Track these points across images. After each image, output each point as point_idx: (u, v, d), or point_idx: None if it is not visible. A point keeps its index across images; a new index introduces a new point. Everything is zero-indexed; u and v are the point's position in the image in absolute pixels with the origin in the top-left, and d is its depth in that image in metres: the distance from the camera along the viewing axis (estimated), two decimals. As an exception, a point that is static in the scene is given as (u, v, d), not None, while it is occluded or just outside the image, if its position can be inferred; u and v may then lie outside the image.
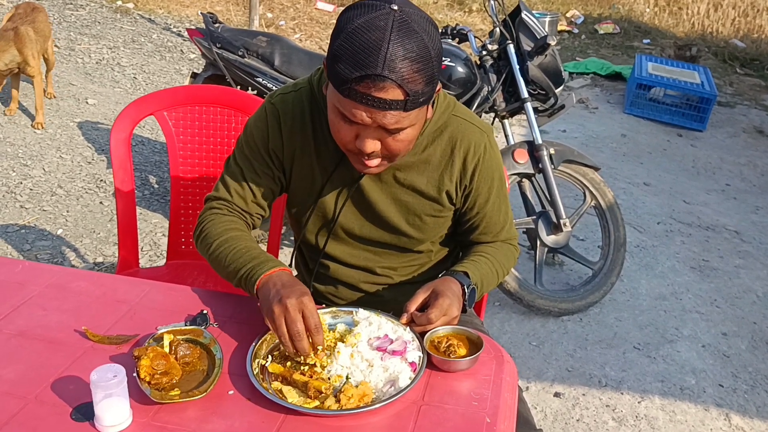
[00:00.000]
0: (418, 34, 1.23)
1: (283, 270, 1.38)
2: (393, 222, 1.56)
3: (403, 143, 1.34)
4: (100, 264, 3.14)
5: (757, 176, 5.13)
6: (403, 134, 1.32)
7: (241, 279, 1.40)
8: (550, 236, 3.03)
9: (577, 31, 8.36)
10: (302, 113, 1.51)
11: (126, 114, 2.11)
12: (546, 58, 3.05)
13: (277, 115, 1.52)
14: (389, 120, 1.27)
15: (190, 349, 1.27)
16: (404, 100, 1.24)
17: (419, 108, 1.29)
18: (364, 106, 1.25)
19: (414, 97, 1.25)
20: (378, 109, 1.25)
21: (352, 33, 1.23)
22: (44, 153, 4.00)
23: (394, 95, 1.23)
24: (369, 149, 1.32)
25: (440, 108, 1.49)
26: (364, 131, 1.30)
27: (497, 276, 1.58)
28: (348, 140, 1.34)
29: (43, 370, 1.23)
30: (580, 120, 5.76)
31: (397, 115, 1.26)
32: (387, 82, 1.21)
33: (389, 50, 1.20)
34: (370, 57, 1.20)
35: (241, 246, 1.45)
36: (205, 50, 3.37)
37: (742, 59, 7.82)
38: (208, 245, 1.49)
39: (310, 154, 1.52)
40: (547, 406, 2.55)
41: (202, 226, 1.53)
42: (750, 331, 3.14)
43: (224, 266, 1.45)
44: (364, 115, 1.26)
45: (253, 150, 1.54)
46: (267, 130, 1.52)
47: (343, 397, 1.18)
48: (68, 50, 5.63)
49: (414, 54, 1.22)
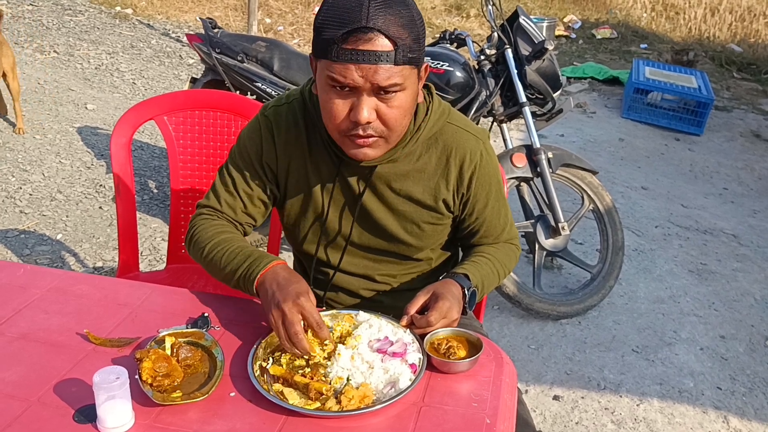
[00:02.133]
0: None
1: (279, 264, 1.39)
2: (391, 231, 1.56)
3: (399, 110, 1.33)
4: (99, 268, 3.15)
5: (754, 180, 5.15)
6: (396, 100, 1.31)
7: (239, 281, 1.41)
8: (548, 240, 3.04)
9: (575, 36, 8.39)
10: (296, 124, 1.51)
11: (126, 119, 2.12)
12: (544, 63, 3.06)
13: (271, 127, 1.52)
14: (381, 75, 1.26)
15: (191, 351, 1.28)
16: (393, 51, 1.25)
17: (410, 66, 1.29)
18: (355, 63, 1.25)
19: (402, 48, 1.26)
20: (368, 62, 1.25)
21: (332, 2, 1.27)
22: (44, 158, 4.01)
23: (382, 46, 1.24)
24: (365, 116, 1.30)
25: (435, 115, 1.49)
26: (357, 99, 1.30)
27: (498, 276, 1.59)
28: (342, 117, 1.32)
29: (46, 372, 1.24)
30: (578, 124, 5.78)
31: (388, 69, 1.26)
32: (373, 33, 1.23)
33: (371, 4, 1.23)
34: (353, 13, 1.23)
35: (233, 247, 1.46)
36: (204, 55, 3.38)
37: (739, 64, 7.85)
38: (200, 250, 1.50)
39: (305, 164, 1.52)
40: (546, 409, 2.55)
41: (192, 231, 1.55)
42: (748, 333, 3.15)
43: (220, 269, 1.45)
44: (355, 73, 1.26)
45: (246, 161, 1.54)
46: (261, 143, 1.52)
47: (344, 399, 1.19)
48: (67, 56, 5.65)
49: (397, 10, 1.25)
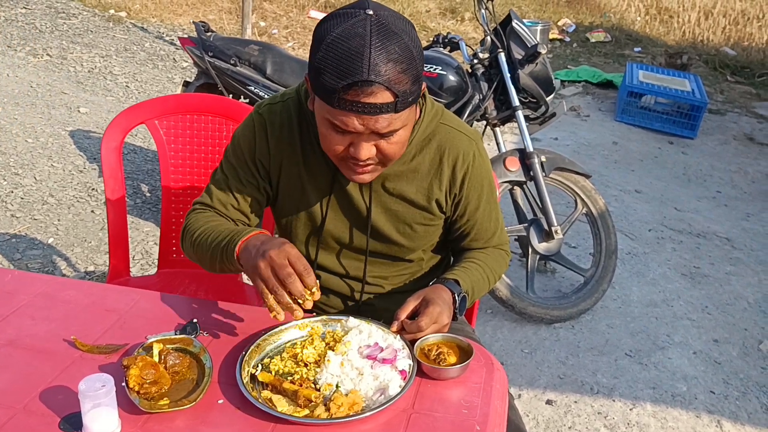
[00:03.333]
0: (398, 35, 1.24)
1: (261, 232, 1.39)
2: (383, 231, 1.56)
3: (397, 145, 1.35)
4: (91, 273, 3.13)
5: (747, 183, 5.16)
6: (396, 136, 1.33)
7: (222, 254, 1.39)
8: (541, 244, 3.04)
9: (569, 40, 8.41)
10: (290, 123, 1.51)
11: (117, 123, 2.11)
12: (537, 67, 3.06)
13: (264, 125, 1.52)
14: (381, 124, 1.27)
15: (179, 358, 1.27)
16: (394, 102, 1.25)
17: (409, 108, 1.30)
18: (355, 113, 1.25)
19: (403, 97, 1.26)
20: (369, 114, 1.25)
21: (331, 44, 1.23)
22: (35, 161, 3.99)
23: (383, 98, 1.24)
24: (364, 156, 1.32)
25: (428, 116, 1.49)
26: (357, 139, 1.31)
27: (488, 282, 1.59)
28: (341, 150, 1.34)
29: (32, 379, 1.23)
30: (571, 128, 5.78)
31: (388, 117, 1.27)
32: (375, 86, 1.22)
33: (372, 55, 1.21)
34: (354, 64, 1.21)
35: (221, 228, 1.45)
36: (197, 59, 3.37)
37: (733, 67, 7.87)
38: (190, 240, 1.50)
39: (298, 163, 1.53)
40: (539, 414, 2.55)
41: (184, 226, 1.55)
42: (741, 337, 3.15)
43: (206, 251, 1.45)
44: (356, 122, 1.27)
45: (239, 159, 1.54)
46: (254, 140, 1.53)
47: (333, 406, 1.18)
48: (60, 59, 5.63)
49: (397, 55, 1.23)
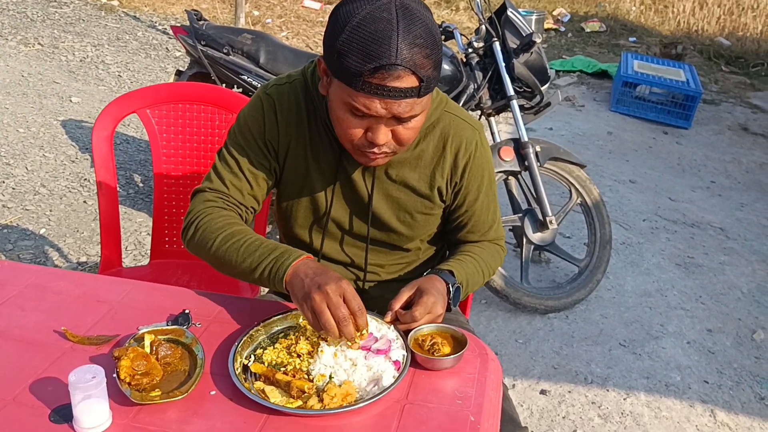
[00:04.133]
0: (422, 19, 1.24)
1: (308, 258, 1.35)
2: (384, 218, 1.55)
3: (413, 131, 1.34)
4: (83, 263, 3.11)
5: (741, 173, 5.17)
6: (413, 121, 1.32)
7: (264, 273, 1.34)
8: (536, 234, 3.04)
9: (564, 30, 8.39)
10: (297, 105, 1.49)
11: (108, 112, 2.09)
12: (532, 56, 3.05)
13: (273, 105, 1.49)
14: (404, 108, 1.26)
15: (171, 349, 1.25)
16: (418, 87, 1.24)
17: (430, 93, 1.30)
18: (379, 97, 1.24)
19: (427, 82, 1.25)
20: (393, 98, 1.24)
21: (357, 26, 1.22)
22: (27, 152, 3.96)
23: (409, 83, 1.23)
24: (382, 140, 1.31)
25: (433, 104, 1.48)
26: (375, 123, 1.30)
27: (483, 276, 1.58)
28: (358, 136, 1.33)
29: (22, 371, 1.22)
30: (566, 118, 5.77)
31: (411, 102, 1.26)
32: (401, 70, 1.21)
33: (399, 39, 1.20)
34: (381, 47, 1.20)
35: (251, 239, 1.39)
36: (189, 48, 3.34)
37: (728, 57, 7.88)
38: (208, 241, 1.41)
39: (304, 146, 1.50)
40: (533, 404, 2.55)
41: (198, 221, 1.45)
42: (735, 327, 3.15)
43: (236, 263, 1.38)
44: (379, 106, 1.26)
45: (248, 140, 1.49)
46: (263, 120, 1.49)
47: (326, 397, 1.17)
48: (52, 48, 5.58)
49: (422, 39, 1.22)
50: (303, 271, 1.29)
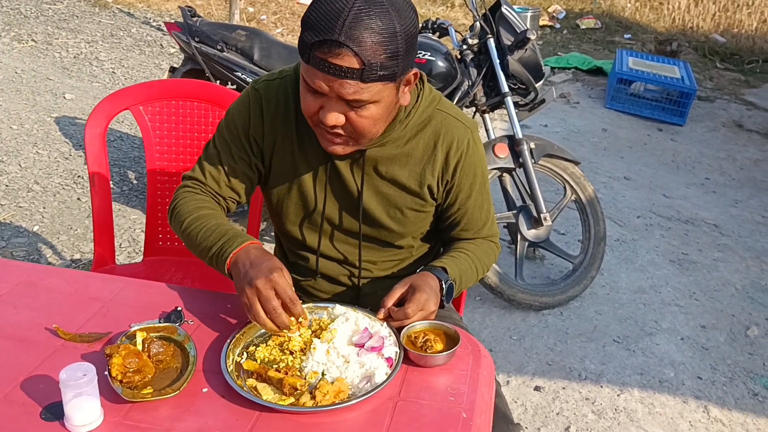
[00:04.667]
0: (386, 7, 1.23)
1: (252, 244, 1.38)
2: (374, 215, 1.54)
3: (367, 121, 1.32)
4: (77, 261, 3.10)
5: (736, 170, 5.18)
6: (366, 111, 1.31)
7: (212, 258, 1.41)
8: (530, 230, 3.04)
9: (559, 26, 8.39)
10: (286, 101, 1.50)
11: (101, 109, 2.08)
12: (526, 53, 3.05)
13: (260, 101, 1.50)
14: (347, 90, 1.26)
15: (163, 346, 1.25)
16: (360, 70, 1.23)
17: (381, 83, 1.27)
18: (322, 72, 1.25)
19: (370, 68, 1.23)
20: (334, 76, 1.24)
21: (318, 2, 1.24)
22: (20, 148, 3.94)
23: (349, 63, 1.23)
24: (330, 122, 1.31)
25: (425, 101, 1.48)
26: (327, 103, 1.30)
27: (476, 273, 1.58)
28: (313, 113, 1.34)
29: (13, 369, 1.21)
30: (561, 114, 5.78)
31: (354, 85, 1.25)
32: (343, 49, 1.21)
33: (349, 17, 1.20)
34: (329, 23, 1.21)
35: (211, 223, 1.45)
36: (183, 44, 3.33)
37: (722, 54, 7.89)
38: (180, 222, 1.49)
39: (292, 142, 1.51)
40: (527, 400, 2.55)
41: (175, 203, 1.54)
42: (728, 323, 3.16)
43: (196, 245, 1.45)
44: (322, 83, 1.26)
45: (232, 134, 1.53)
46: (249, 116, 1.51)
47: (319, 394, 1.17)
48: (45, 44, 5.56)
49: (376, 26, 1.22)
50: (242, 261, 1.34)
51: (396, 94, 1.35)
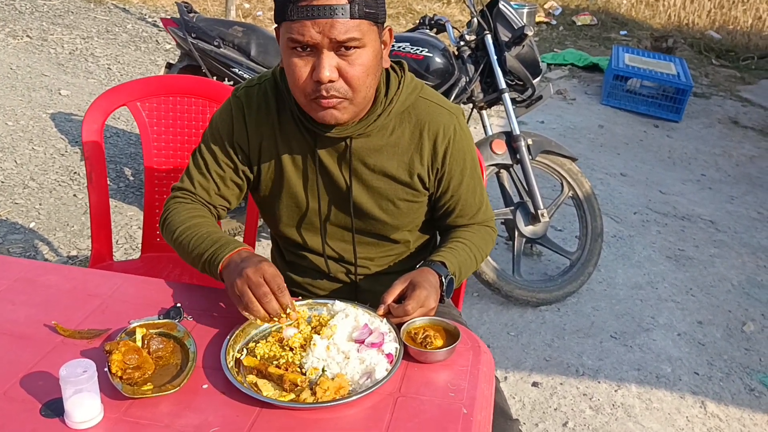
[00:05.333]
0: None
1: (244, 249, 1.39)
2: (366, 208, 1.54)
3: (361, 68, 1.32)
4: (74, 258, 3.09)
5: (731, 166, 5.19)
6: (357, 57, 1.30)
7: (205, 264, 1.41)
8: (527, 227, 3.04)
9: (555, 23, 8.39)
10: (267, 104, 1.50)
11: (98, 105, 2.07)
12: (523, 49, 3.05)
13: (242, 107, 1.51)
14: (338, 29, 1.26)
15: (163, 343, 1.25)
16: (348, 4, 1.25)
17: (368, 22, 1.29)
18: (311, 19, 1.25)
19: (358, 1, 1.25)
20: (324, 17, 1.25)
21: None
22: (16, 145, 3.93)
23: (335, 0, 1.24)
24: (326, 74, 1.29)
25: (407, 88, 1.48)
26: (319, 58, 1.29)
27: (475, 261, 1.58)
28: (305, 78, 1.32)
29: (12, 365, 1.21)
30: (557, 111, 5.78)
31: (344, 23, 1.26)
32: None
33: None
34: None
35: (203, 231, 1.46)
36: (179, 40, 3.32)
37: (718, 51, 7.90)
38: (171, 232, 1.50)
39: (276, 145, 1.51)
40: (524, 396, 2.56)
41: (166, 214, 1.54)
42: (725, 319, 3.17)
43: (188, 252, 1.45)
44: (313, 30, 1.26)
45: (217, 142, 1.53)
46: (232, 123, 1.52)
47: (319, 390, 1.17)
48: (40, 40, 5.54)
49: None
50: (234, 262, 1.35)
51: (380, 46, 1.36)
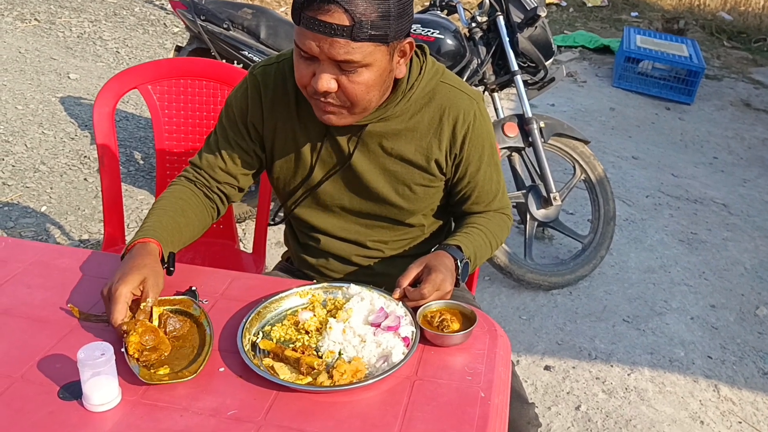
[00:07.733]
0: None
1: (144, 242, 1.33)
2: (382, 193, 1.53)
3: (360, 87, 1.30)
4: (85, 241, 3.10)
5: (744, 149, 5.14)
6: (358, 76, 1.29)
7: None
8: (540, 210, 3.02)
9: (566, 4, 8.31)
10: (284, 84, 1.49)
11: (109, 87, 2.06)
12: (536, 30, 3.01)
13: (258, 87, 1.50)
14: (337, 50, 1.24)
15: (180, 322, 1.25)
16: (350, 27, 1.21)
17: (372, 44, 1.26)
18: (312, 32, 1.24)
19: (360, 26, 1.22)
20: (324, 34, 1.23)
21: None
22: (26, 129, 3.92)
23: (338, 20, 1.21)
24: (322, 86, 1.28)
25: (428, 74, 1.46)
26: (318, 68, 1.28)
27: (491, 247, 1.57)
28: (306, 81, 1.32)
29: (29, 348, 1.21)
30: (568, 94, 5.73)
31: (344, 44, 1.23)
32: (332, 5, 1.20)
33: None
34: None
35: (151, 212, 1.45)
36: (189, 23, 3.30)
37: (730, 32, 7.81)
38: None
39: (293, 126, 1.50)
40: (537, 380, 2.55)
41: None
42: (738, 302, 3.16)
43: None
44: (313, 43, 1.25)
45: (230, 121, 1.53)
46: (247, 103, 1.51)
47: (336, 373, 1.16)
48: (48, 24, 5.52)
49: None
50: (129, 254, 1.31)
51: (389, 62, 1.32)
